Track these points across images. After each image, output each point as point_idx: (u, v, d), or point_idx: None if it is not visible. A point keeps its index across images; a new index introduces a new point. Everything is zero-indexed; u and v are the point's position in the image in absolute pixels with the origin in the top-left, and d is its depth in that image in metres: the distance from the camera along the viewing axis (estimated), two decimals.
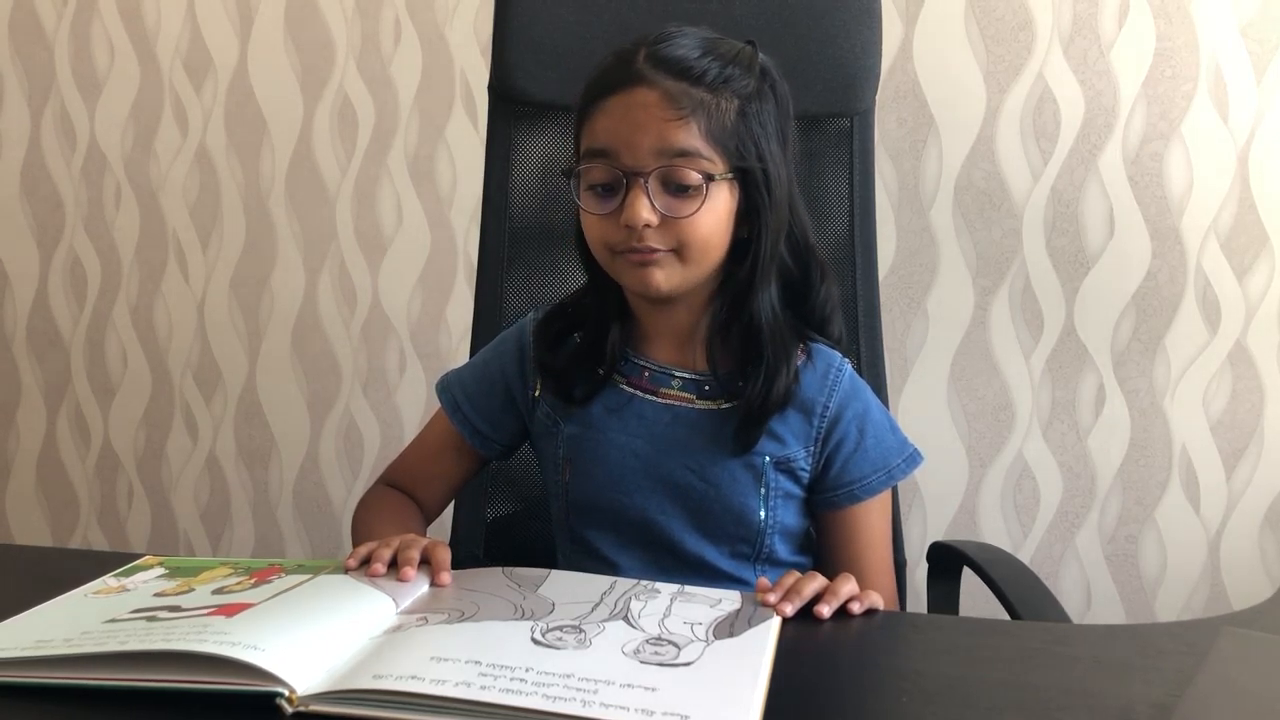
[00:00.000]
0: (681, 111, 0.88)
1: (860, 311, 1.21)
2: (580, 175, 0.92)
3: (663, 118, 0.88)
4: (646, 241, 0.89)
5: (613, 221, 0.90)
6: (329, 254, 1.88)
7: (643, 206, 0.88)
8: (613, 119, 0.89)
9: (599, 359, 0.98)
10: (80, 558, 1.24)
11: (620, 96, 0.89)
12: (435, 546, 0.84)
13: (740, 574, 0.97)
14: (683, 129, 0.88)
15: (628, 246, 0.90)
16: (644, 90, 0.89)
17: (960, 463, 1.72)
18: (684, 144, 0.88)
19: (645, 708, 0.59)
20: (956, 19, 1.64)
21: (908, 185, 1.68)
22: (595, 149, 0.90)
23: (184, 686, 0.62)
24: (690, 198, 0.89)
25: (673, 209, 0.89)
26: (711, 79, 0.90)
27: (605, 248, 0.92)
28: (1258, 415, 1.65)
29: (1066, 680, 0.69)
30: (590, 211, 0.92)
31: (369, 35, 1.81)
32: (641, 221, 0.88)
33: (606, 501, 0.98)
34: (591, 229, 0.93)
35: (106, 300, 1.98)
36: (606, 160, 0.89)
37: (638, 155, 0.88)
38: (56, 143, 1.95)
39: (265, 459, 1.96)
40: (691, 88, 0.89)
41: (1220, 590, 1.70)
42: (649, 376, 0.98)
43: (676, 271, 0.91)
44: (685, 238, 0.90)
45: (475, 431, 1.04)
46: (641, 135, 0.88)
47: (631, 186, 0.88)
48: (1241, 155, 1.60)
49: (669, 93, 0.88)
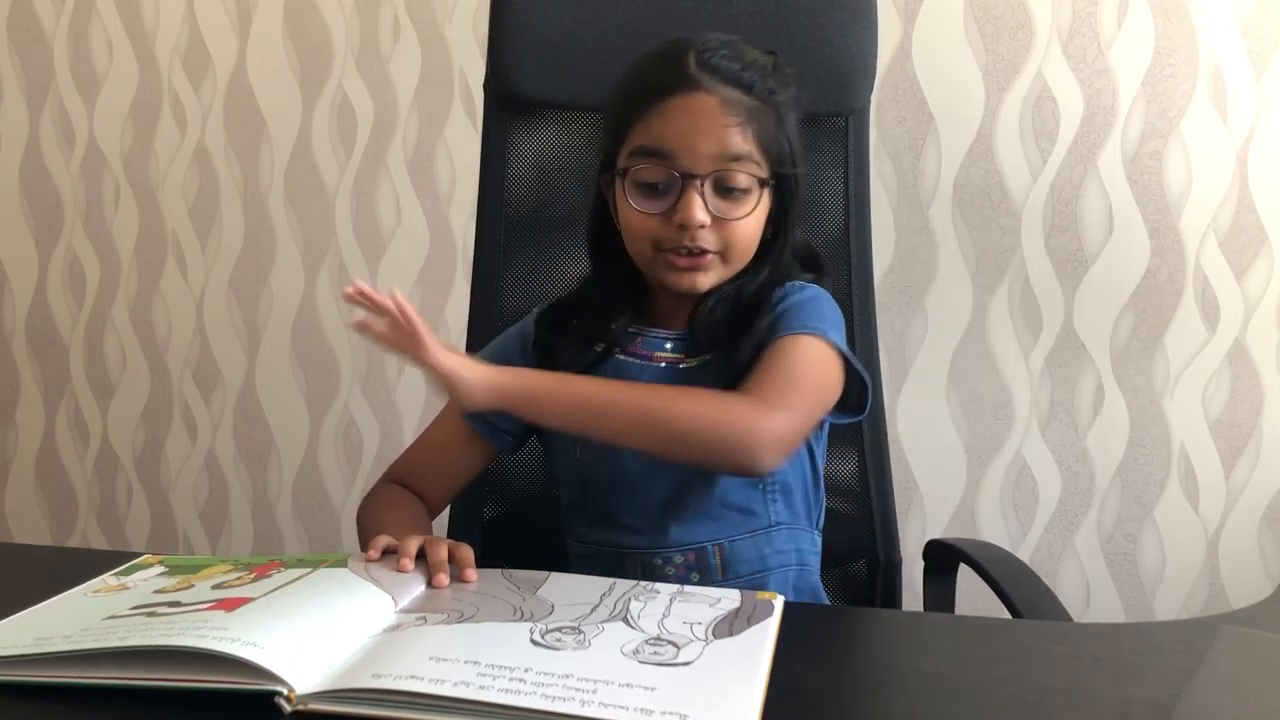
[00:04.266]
0: (739, 118, 0.93)
1: (855, 310, 1.21)
2: (629, 173, 0.95)
3: (722, 123, 0.93)
4: (698, 242, 0.93)
5: (662, 220, 0.94)
6: (328, 252, 1.88)
7: (699, 207, 0.92)
8: (673, 121, 0.93)
9: (597, 340, 1.01)
10: (79, 557, 1.24)
11: (680, 100, 0.93)
12: (459, 546, 0.84)
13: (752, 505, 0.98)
14: (739, 134, 0.93)
15: (677, 246, 0.94)
16: (703, 95, 0.93)
17: (959, 461, 1.73)
18: (739, 149, 0.93)
19: (644, 707, 0.59)
20: (955, 17, 1.64)
21: (906, 184, 1.68)
22: (651, 149, 0.94)
23: (183, 685, 0.62)
24: (741, 200, 0.94)
25: (724, 211, 0.93)
26: (759, 89, 0.95)
27: (652, 245, 0.96)
28: (1256, 414, 1.66)
29: (1065, 679, 0.69)
30: (641, 210, 0.95)
31: (368, 34, 1.81)
32: (698, 222, 0.92)
33: (615, 468, 0.99)
34: (638, 226, 0.96)
35: (105, 299, 1.98)
36: (664, 161, 0.93)
37: (696, 157, 0.93)
38: (55, 141, 1.95)
39: (264, 458, 1.96)
40: (744, 95, 0.94)
41: (1219, 589, 1.70)
42: (642, 343, 1.01)
43: (719, 271, 0.96)
44: (733, 240, 0.95)
45: (484, 421, 1.05)
46: (702, 138, 0.92)
47: (686, 188, 0.92)
48: (1240, 154, 1.60)
49: (726, 100, 0.93)
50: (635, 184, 0.95)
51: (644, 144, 0.94)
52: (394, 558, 0.82)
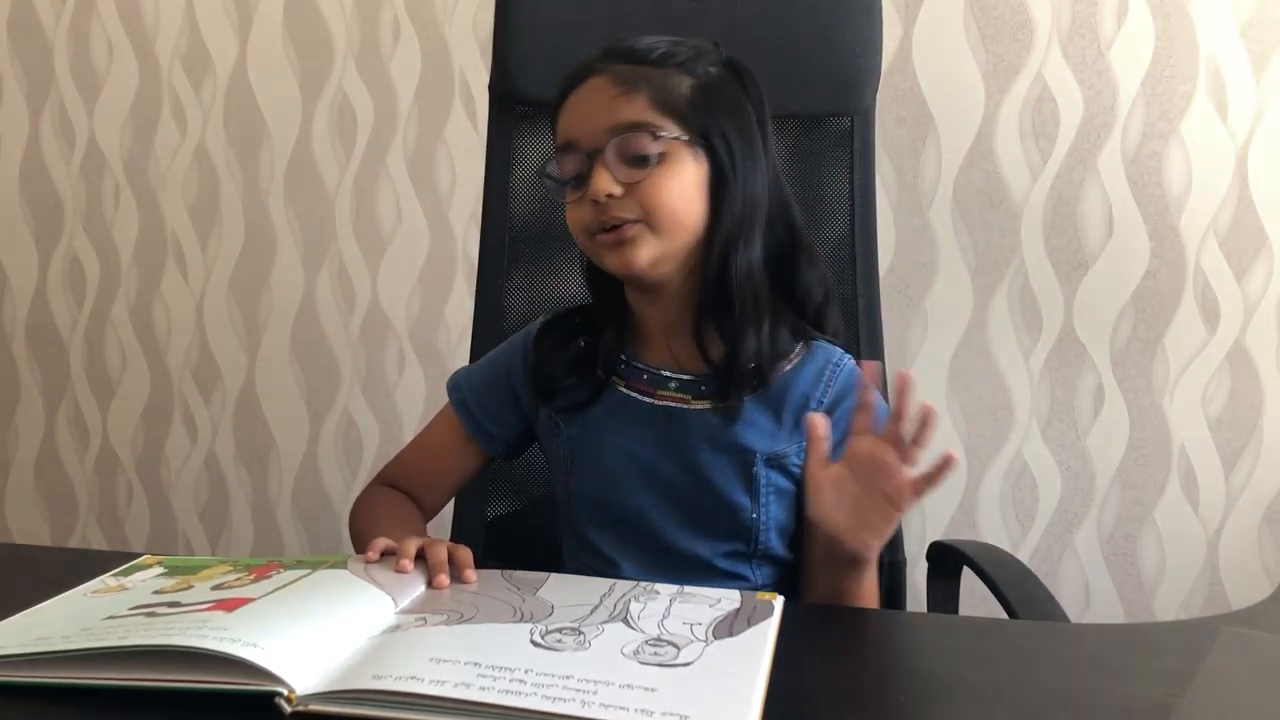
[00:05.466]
0: (626, 87, 0.93)
1: (860, 311, 1.21)
2: (556, 174, 0.96)
3: (610, 95, 0.93)
4: (613, 213, 0.92)
5: (584, 204, 0.94)
6: (328, 253, 1.88)
7: (602, 179, 0.92)
8: (570, 111, 0.95)
9: (597, 363, 0.99)
10: (79, 557, 1.24)
11: (575, 91, 0.95)
12: (458, 547, 0.84)
13: (738, 571, 0.97)
14: (628, 103, 0.93)
15: (599, 225, 0.93)
16: (594, 78, 0.95)
17: (959, 462, 1.72)
18: (632, 116, 0.92)
19: (644, 708, 0.59)
20: (956, 18, 1.64)
21: (907, 185, 1.68)
22: (561, 143, 0.96)
23: (183, 686, 0.62)
24: (649, 166, 0.93)
25: (632, 177, 0.92)
26: (657, 57, 0.95)
27: (583, 232, 0.95)
28: (1256, 414, 1.66)
29: (1065, 680, 0.69)
30: (566, 200, 0.96)
31: (368, 35, 1.81)
32: (603, 192, 0.91)
33: (605, 502, 0.98)
34: (570, 218, 0.96)
35: (105, 299, 1.98)
36: (571, 151, 0.94)
37: (593, 135, 0.93)
38: (55, 142, 1.95)
39: (264, 458, 1.96)
40: (638, 66, 0.94)
41: (1219, 589, 1.70)
42: (647, 379, 0.99)
43: (651, 243, 0.93)
44: (650, 204, 0.92)
45: (482, 430, 1.04)
46: (594, 114, 0.93)
47: (593, 164, 0.93)
48: (1240, 154, 1.60)
49: (616, 74, 0.94)
50: (560, 182, 0.96)
51: (558, 141, 0.97)
52: (393, 559, 0.82)
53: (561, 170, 0.96)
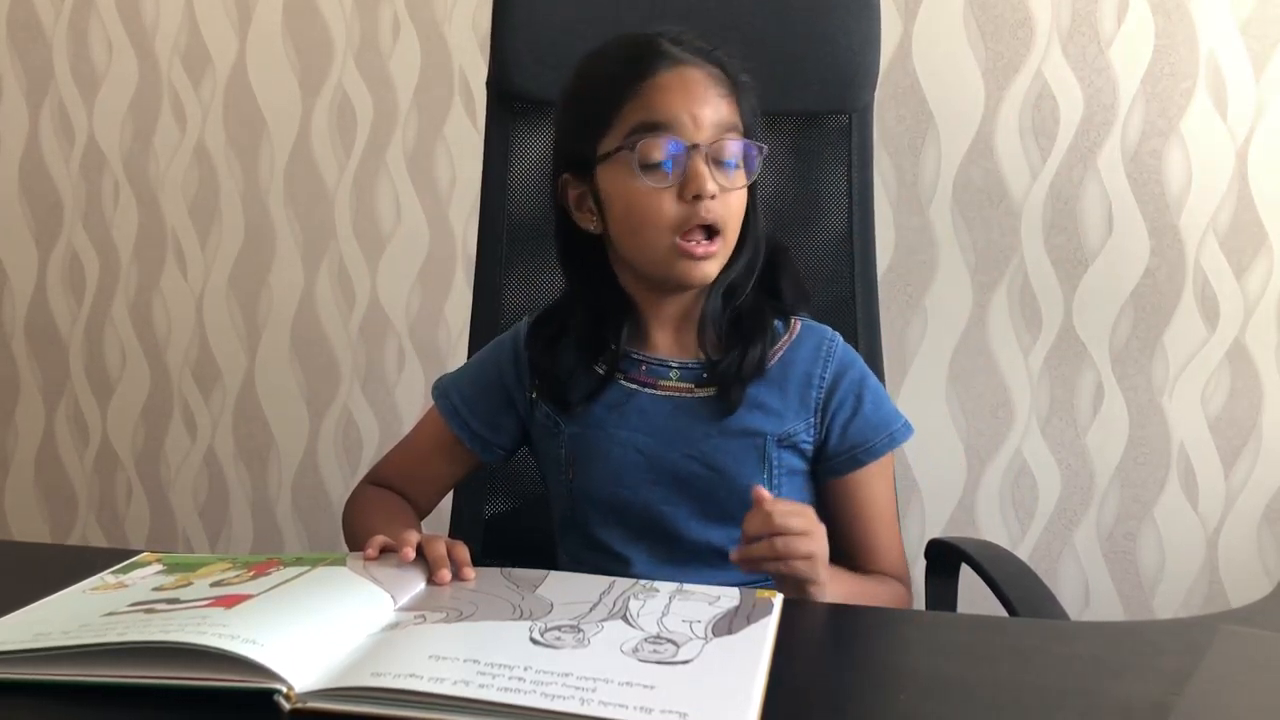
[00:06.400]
0: (726, 90, 0.93)
1: (859, 309, 1.21)
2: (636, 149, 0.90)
3: (716, 92, 0.92)
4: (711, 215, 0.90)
5: (673, 196, 0.90)
6: (327, 251, 1.88)
7: (708, 176, 0.89)
8: (671, 93, 0.91)
9: (595, 358, 0.98)
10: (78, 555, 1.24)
11: (673, 73, 0.91)
12: (456, 544, 0.84)
13: None
14: (732, 105, 0.93)
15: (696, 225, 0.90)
16: (694, 69, 0.92)
17: (959, 460, 1.73)
18: (733, 119, 0.92)
19: (644, 705, 0.59)
20: (955, 16, 1.64)
21: (906, 183, 1.68)
22: (653, 123, 0.90)
23: (182, 683, 0.62)
24: (735, 174, 0.92)
25: (725, 182, 0.91)
26: (731, 68, 0.95)
27: (669, 228, 0.91)
28: (1256, 413, 1.66)
29: (1064, 678, 0.69)
30: (654, 185, 0.90)
31: (367, 32, 1.81)
32: (710, 191, 0.89)
33: (612, 497, 0.98)
34: (652, 207, 0.90)
35: (105, 297, 1.98)
36: (668, 132, 0.90)
37: (700, 126, 0.90)
38: (55, 140, 1.95)
39: (264, 456, 1.96)
40: (722, 73, 0.94)
41: (1218, 587, 1.70)
42: (646, 370, 0.98)
43: (720, 257, 0.94)
44: (728, 217, 0.92)
45: (474, 436, 1.04)
46: (703, 107, 0.91)
47: (693, 158, 0.90)
48: (1240, 153, 1.60)
49: (711, 74, 0.93)
50: (641, 163, 0.90)
51: (644, 119, 0.90)
52: (392, 556, 0.82)
53: (647, 151, 0.90)
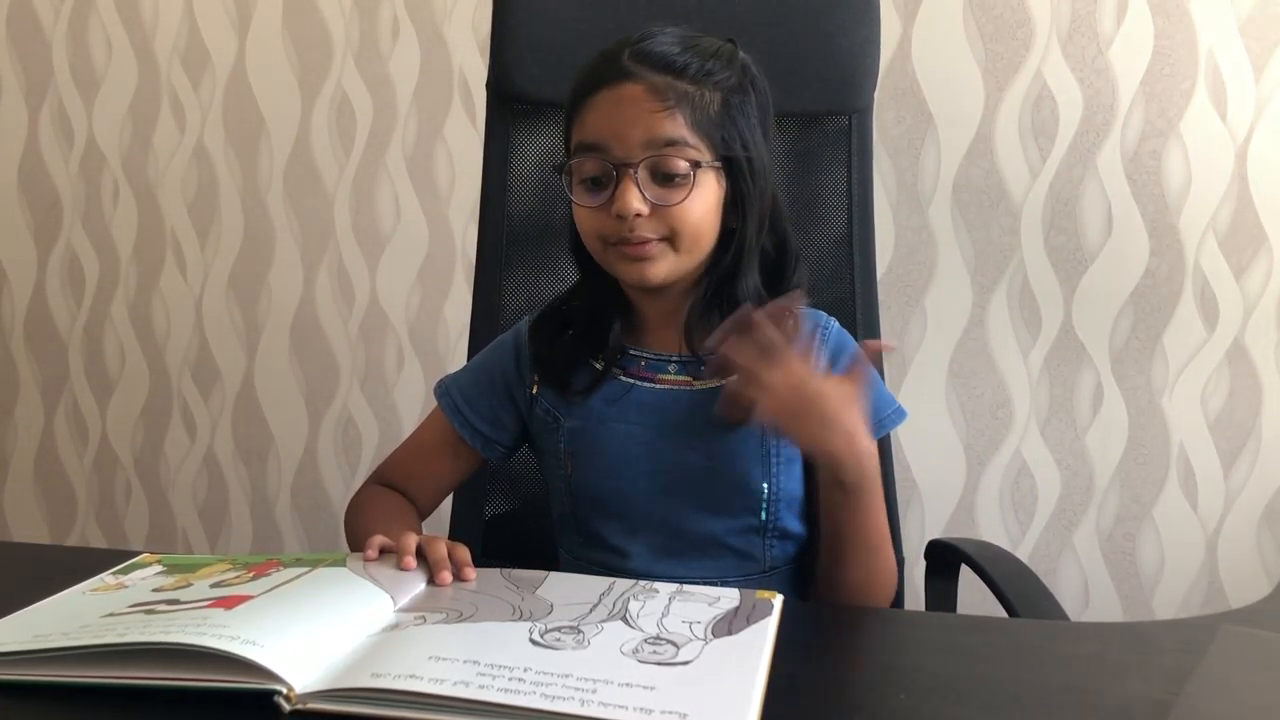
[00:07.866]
0: (667, 103, 0.91)
1: (859, 310, 1.21)
2: (572, 170, 0.95)
3: (649, 109, 0.91)
4: (638, 231, 0.92)
5: (604, 213, 0.92)
6: (327, 251, 1.88)
7: (633, 196, 0.91)
8: (601, 113, 0.93)
9: (595, 352, 1.00)
10: (78, 555, 1.24)
11: (607, 91, 0.92)
12: (456, 545, 0.84)
13: (750, 549, 0.97)
14: (669, 120, 0.91)
15: (620, 238, 0.93)
16: (630, 85, 0.92)
17: (958, 460, 1.73)
18: (670, 134, 0.91)
19: (643, 706, 0.59)
20: (955, 16, 1.64)
21: (906, 183, 1.68)
22: (585, 143, 0.93)
23: (182, 684, 0.62)
24: (678, 186, 0.92)
25: (662, 198, 0.92)
26: (694, 72, 0.93)
27: (598, 240, 0.95)
28: (1255, 413, 1.66)
29: (1064, 678, 0.69)
30: (582, 205, 0.94)
31: (367, 33, 1.81)
32: (632, 211, 0.91)
33: (611, 491, 0.98)
34: (584, 222, 0.95)
35: (104, 297, 1.98)
36: (597, 153, 0.92)
37: (627, 147, 0.91)
38: (54, 140, 1.95)
39: (263, 456, 1.96)
40: (675, 80, 0.92)
41: (1218, 588, 1.70)
42: (645, 365, 0.99)
43: (669, 261, 0.94)
44: (676, 225, 0.92)
45: (476, 433, 1.04)
46: (629, 127, 0.91)
47: (621, 178, 0.91)
48: (1240, 153, 1.60)
49: (654, 86, 0.92)
50: (578, 180, 0.94)
51: (580, 139, 0.94)
52: (392, 556, 0.82)
53: (580, 169, 0.94)
